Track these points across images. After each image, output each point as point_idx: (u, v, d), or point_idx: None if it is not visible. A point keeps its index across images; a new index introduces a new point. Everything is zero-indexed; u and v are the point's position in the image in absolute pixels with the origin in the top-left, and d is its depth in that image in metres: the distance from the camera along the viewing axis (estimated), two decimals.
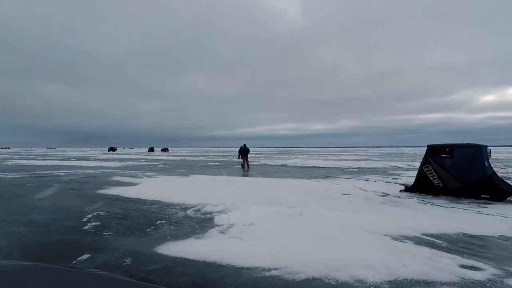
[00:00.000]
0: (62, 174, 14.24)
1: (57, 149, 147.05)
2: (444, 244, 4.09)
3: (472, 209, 6.50)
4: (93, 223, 5.06)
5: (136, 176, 12.94)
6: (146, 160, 29.71)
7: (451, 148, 7.99)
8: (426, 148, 8.60)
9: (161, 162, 25.76)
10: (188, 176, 13.42)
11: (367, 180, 11.77)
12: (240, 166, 19.32)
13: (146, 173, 14.53)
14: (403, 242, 4.10)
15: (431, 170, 8.21)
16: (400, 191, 8.79)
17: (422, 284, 2.86)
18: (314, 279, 2.97)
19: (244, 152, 18.87)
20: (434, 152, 8.28)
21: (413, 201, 7.36)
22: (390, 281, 2.90)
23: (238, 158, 19.77)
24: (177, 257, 3.53)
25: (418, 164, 10.04)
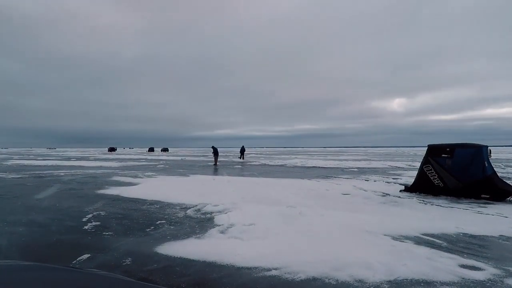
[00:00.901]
0: (62, 174, 14.24)
1: (57, 149, 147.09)
2: (444, 244, 4.09)
3: (472, 209, 6.50)
4: (93, 223, 5.06)
5: (136, 176, 12.94)
6: (146, 160, 29.71)
7: (452, 148, 7.99)
8: (426, 148, 8.61)
9: (161, 162, 25.76)
10: (188, 176, 13.42)
11: (367, 180, 11.77)
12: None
13: (146, 173, 14.53)
14: (403, 242, 4.11)
15: (431, 170, 8.21)
16: (400, 191, 8.78)
17: (422, 284, 2.86)
18: (314, 279, 2.97)
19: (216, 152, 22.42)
20: (434, 152, 8.28)
21: (413, 201, 7.36)
22: (390, 281, 2.90)
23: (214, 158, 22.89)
24: (177, 257, 3.53)
25: (418, 164, 10.05)
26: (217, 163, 22.32)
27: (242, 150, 30.69)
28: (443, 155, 8.06)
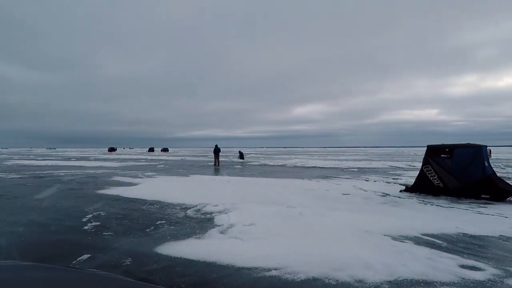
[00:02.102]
0: (62, 174, 14.24)
1: (57, 149, 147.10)
2: (444, 244, 4.09)
3: (472, 209, 6.50)
4: (93, 223, 5.06)
5: (136, 176, 12.94)
6: (146, 160, 29.71)
7: (451, 149, 7.99)
8: (426, 148, 8.61)
9: (161, 162, 25.76)
10: (188, 176, 13.42)
11: (367, 180, 11.77)
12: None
13: (146, 173, 14.53)
14: (403, 242, 4.11)
15: (431, 170, 8.21)
16: (400, 191, 8.78)
17: (422, 284, 2.86)
18: (314, 279, 2.97)
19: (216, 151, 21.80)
20: (434, 153, 8.28)
21: (413, 201, 7.36)
22: (390, 281, 2.90)
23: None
24: (177, 257, 3.53)
25: (418, 164, 10.04)
26: (219, 164, 21.23)
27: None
28: (442, 156, 8.07)
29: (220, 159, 22.47)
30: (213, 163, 21.77)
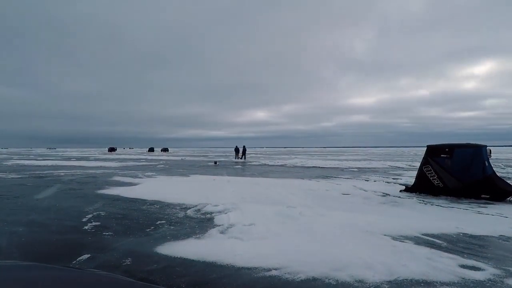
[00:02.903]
0: (62, 174, 14.24)
1: (57, 149, 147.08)
2: (444, 244, 4.09)
3: (472, 209, 6.50)
4: (93, 223, 5.06)
5: (136, 176, 12.94)
6: (146, 160, 29.71)
7: (451, 148, 7.99)
8: (425, 148, 8.61)
9: (161, 162, 25.76)
10: (188, 176, 13.42)
11: (367, 180, 11.77)
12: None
13: (146, 173, 14.53)
14: (403, 242, 4.10)
15: (430, 170, 8.21)
16: (400, 191, 8.78)
17: (422, 284, 2.86)
18: (314, 279, 2.97)
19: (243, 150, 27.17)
20: (433, 152, 8.28)
21: (413, 201, 7.36)
22: (390, 281, 2.90)
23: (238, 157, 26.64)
24: (177, 257, 3.53)
25: (418, 164, 10.04)
26: (242, 158, 24.82)
27: (244, 150, 31.10)
28: (442, 156, 8.06)
29: (220, 159, 22.49)
30: (236, 158, 28.17)
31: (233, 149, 31.77)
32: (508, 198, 7.39)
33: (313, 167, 20.01)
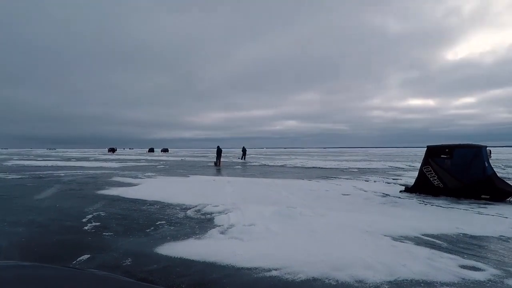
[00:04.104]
0: (62, 174, 14.24)
1: (57, 149, 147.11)
2: (444, 244, 4.09)
3: (472, 209, 6.50)
4: (93, 224, 5.06)
5: (136, 177, 12.94)
6: (146, 160, 29.71)
7: (451, 149, 7.99)
8: (425, 148, 8.61)
9: (161, 162, 25.76)
10: (188, 176, 13.42)
11: (367, 181, 11.77)
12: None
13: (146, 174, 14.53)
14: (403, 242, 4.10)
15: (430, 170, 8.21)
16: (400, 191, 8.78)
17: (422, 284, 2.86)
18: (315, 279, 2.96)
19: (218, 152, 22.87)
20: (433, 153, 8.28)
21: (413, 202, 7.35)
22: (390, 281, 2.90)
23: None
24: (177, 257, 3.53)
25: (418, 165, 10.04)
26: (220, 164, 21.89)
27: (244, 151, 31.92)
28: (442, 156, 8.07)
29: (220, 159, 22.49)
30: (214, 164, 22.76)
31: (215, 150, 28.57)
32: (508, 198, 7.39)
33: (313, 167, 20.00)
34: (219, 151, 22.57)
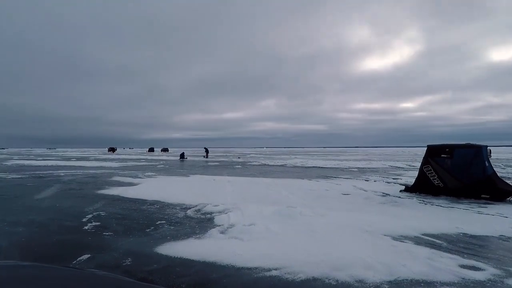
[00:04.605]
0: (62, 174, 14.24)
1: (57, 149, 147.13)
2: (444, 244, 4.09)
3: (472, 209, 6.50)
4: (93, 223, 5.06)
5: (136, 176, 12.94)
6: (146, 160, 29.71)
7: (451, 149, 7.99)
8: (426, 148, 8.61)
9: (161, 162, 25.76)
10: (188, 176, 13.42)
11: (367, 180, 11.77)
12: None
13: (146, 173, 14.53)
14: (403, 242, 4.10)
15: (431, 170, 8.21)
16: (400, 191, 8.78)
17: (422, 284, 2.86)
18: (315, 279, 2.97)
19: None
20: (434, 153, 8.28)
21: (413, 201, 7.35)
22: (390, 281, 2.90)
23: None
24: (177, 257, 3.53)
25: (418, 164, 10.04)
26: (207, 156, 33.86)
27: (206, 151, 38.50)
28: (443, 156, 8.06)
29: (220, 159, 22.52)
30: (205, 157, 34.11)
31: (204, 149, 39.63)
32: (508, 198, 7.39)
33: (313, 167, 20.01)
34: (206, 150, 37.42)
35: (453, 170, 7.82)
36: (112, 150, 68.05)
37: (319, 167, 19.93)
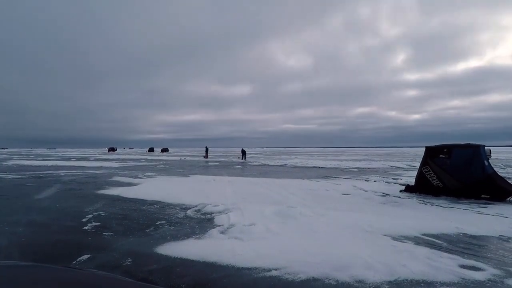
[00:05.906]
0: (62, 174, 14.24)
1: (57, 149, 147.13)
2: (444, 244, 4.09)
3: (472, 209, 6.50)
4: (93, 223, 5.06)
5: (136, 177, 12.94)
6: (146, 160, 29.71)
7: (449, 149, 7.99)
8: (424, 149, 8.61)
9: (161, 162, 25.76)
10: (188, 176, 13.42)
11: (367, 181, 11.77)
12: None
13: (146, 174, 14.53)
14: (403, 242, 4.10)
15: (430, 171, 8.21)
16: (400, 191, 8.78)
17: (422, 284, 2.86)
18: (315, 279, 2.97)
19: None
20: (432, 153, 8.28)
21: (413, 201, 7.35)
22: (390, 281, 2.90)
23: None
24: (177, 257, 3.53)
25: (418, 164, 10.04)
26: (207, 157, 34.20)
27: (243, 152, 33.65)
28: (441, 156, 8.06)
29: (220, 159, 22.52)
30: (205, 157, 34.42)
31: (204, 150, 40.03)
32: (508, 198, 7.39)
33: (313, 167, 20.01)
34: (206, 149, 37.14)
35: (452, 170, 7.82)
36: (112, 150, 68.09)
37: (319, 167, 19.93)
